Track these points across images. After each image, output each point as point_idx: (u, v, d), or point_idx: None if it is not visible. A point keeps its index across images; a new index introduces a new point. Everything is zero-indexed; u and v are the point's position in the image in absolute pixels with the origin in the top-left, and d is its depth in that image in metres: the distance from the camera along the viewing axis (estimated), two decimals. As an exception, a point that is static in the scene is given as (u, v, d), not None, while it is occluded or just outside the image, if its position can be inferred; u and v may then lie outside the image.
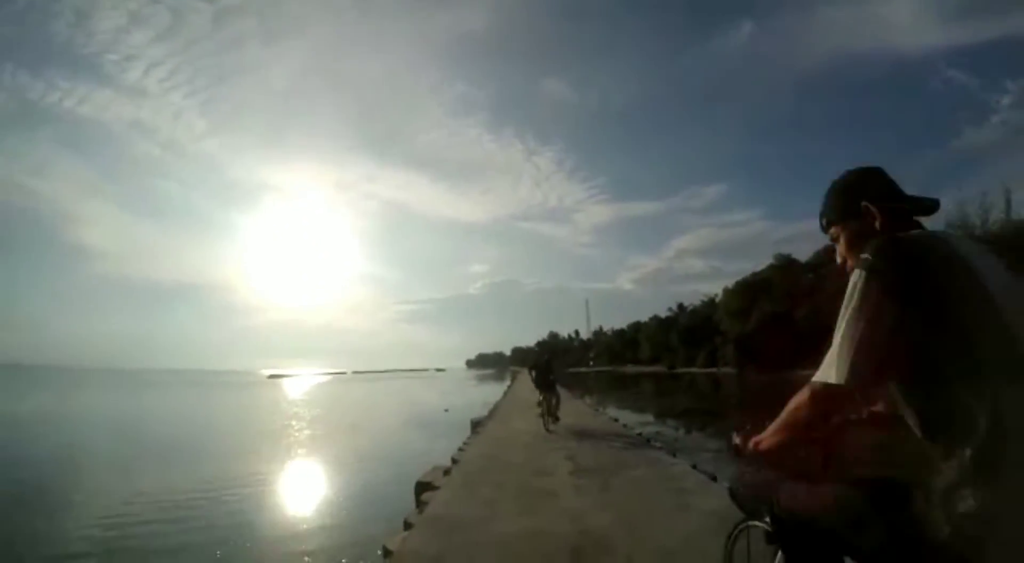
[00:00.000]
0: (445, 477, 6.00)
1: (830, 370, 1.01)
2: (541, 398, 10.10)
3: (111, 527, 6.45)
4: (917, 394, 0.97)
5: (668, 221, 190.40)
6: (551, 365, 11.08)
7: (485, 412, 14.99)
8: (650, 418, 17.50)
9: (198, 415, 25.07)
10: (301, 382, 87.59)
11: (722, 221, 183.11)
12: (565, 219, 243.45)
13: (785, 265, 52.38)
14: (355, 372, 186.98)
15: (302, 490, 8.84)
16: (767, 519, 1.35)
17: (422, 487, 5.90)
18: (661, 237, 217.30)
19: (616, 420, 12.35)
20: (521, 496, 4.80)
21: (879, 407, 1.27)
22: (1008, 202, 32.47)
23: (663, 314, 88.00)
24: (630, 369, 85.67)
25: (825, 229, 1.26)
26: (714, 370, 57.81)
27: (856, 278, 1.02)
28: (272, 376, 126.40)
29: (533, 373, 10.61)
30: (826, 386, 1.02)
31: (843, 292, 1.03)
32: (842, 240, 1.21)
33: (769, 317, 45.32)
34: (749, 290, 52.71)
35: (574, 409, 13.59)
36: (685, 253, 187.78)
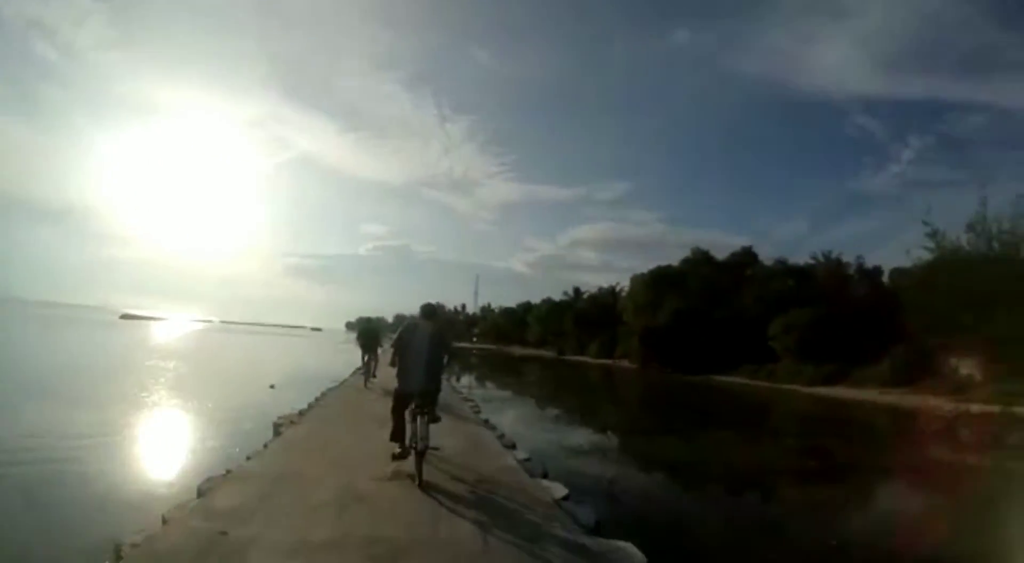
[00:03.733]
0: None
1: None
2: (365, 358, 12.99)
3: None
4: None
5: (570, 209, 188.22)
6: (377, 334, 13.87)
7: (316, 395, 11.08)
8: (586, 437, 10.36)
9: None
10: (163, 327, 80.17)
11: (622, 217, 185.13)
12: (469, 192, 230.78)
13: (702, 261, 49.15)
14: (223, 322, 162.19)
15: None
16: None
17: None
18: (560, 224, 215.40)
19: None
20: None
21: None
22: None
23: (553, 298, 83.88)
24: (517, 350, 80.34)
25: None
26: (609, 361, 53.72)
27: None
28: (126, 316, 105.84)
29: (360, 340, 13.27)
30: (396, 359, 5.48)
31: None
32: None
33: (684, 313, 41.23)
34: (661, 282, 48.73)
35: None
36: (581, 243, 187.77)
